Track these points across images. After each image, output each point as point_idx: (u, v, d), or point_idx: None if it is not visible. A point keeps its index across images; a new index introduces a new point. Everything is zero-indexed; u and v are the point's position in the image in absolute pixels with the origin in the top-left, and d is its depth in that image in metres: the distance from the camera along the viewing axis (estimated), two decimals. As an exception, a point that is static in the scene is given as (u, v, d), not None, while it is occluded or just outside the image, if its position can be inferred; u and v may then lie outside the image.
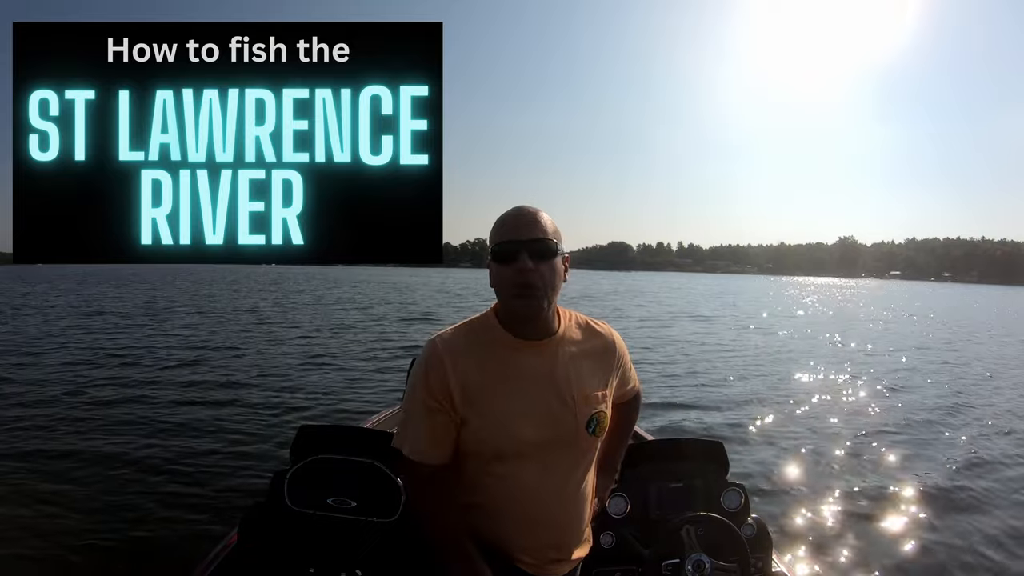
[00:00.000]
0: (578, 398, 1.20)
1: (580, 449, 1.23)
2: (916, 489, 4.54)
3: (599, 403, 1.23)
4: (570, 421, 1.19)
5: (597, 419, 1.22)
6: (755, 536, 1.97)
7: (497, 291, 1.19)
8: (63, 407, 6.51)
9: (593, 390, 1.23)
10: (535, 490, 1.19)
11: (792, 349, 13.28)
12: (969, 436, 6.16)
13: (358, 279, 50.61)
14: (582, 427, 1.20)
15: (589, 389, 1.23)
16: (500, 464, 1.17)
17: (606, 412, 1.25)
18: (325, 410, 6.69)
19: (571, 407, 1.19)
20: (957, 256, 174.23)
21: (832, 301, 38.83)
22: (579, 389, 1.21)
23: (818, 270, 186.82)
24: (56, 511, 3.78)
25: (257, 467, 4.60)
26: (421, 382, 1.17)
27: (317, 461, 2.02)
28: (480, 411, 1.16)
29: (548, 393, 1.19)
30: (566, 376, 1.21)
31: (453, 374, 1.15)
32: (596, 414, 1.22)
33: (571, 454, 1.23)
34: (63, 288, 32.55)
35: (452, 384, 1.15)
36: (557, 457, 1.20)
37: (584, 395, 1.21)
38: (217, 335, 13.43)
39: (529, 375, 1.19)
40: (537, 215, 1.17)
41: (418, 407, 1.18)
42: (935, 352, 13.53)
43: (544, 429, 1.17)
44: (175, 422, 5.93)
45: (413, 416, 1.19)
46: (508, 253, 1.14)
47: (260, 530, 1.97)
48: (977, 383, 9.58)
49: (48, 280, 41.87)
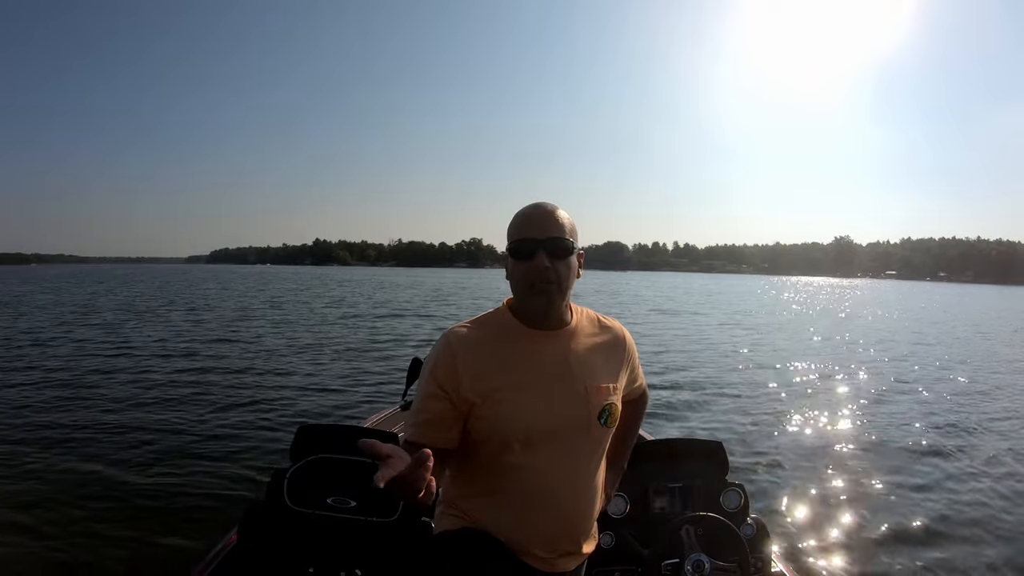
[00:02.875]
0: (591, 388, 1.22)
1: (593, 439, 1.24)
2: (917, 489, 4.55)
3: (611, 395, 1.25)
4: (583, 411, 1.21)
5: (609, 410, 1.24)
6: (755, 536, 1.97)
7: (513, 286, 1.22)
8: (62, 407, 6.49)
9: (605, 382, 1.25)
10: (548, 480, 1.20)
11: (783, 348, 13.32)
12: (970, 435, 6.19)
13: (354, 278, 50.44)
14: (594, 417, 1.22)
15: (601, 380, 1.24)
16: (512, 454, 1.18)
17: (617, 404, 1.27)
18: (325, 410, 6.68)
19: (584, 397, 1.21)
20: (953, 256, 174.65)
21: (823, 299, 38.95)
22: (592, 379, 1.23)
23: (814, 270, 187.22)
24: (55, 511, 3.76)
25: (257, 467, 4.59)
26: (429, 372, 1.19)
27: (317, 461, 2.03)
28: (493, 400, 1.16)
29: (562, 382, 1.20)
30: (579, 366, 1.23)
31: (463, 364, 1.17)
32: (608, 405, 1.24)
33: (584, 444, 1.23)
34: (58, 287, 32.44)
35: (461, 373, 1.16)
36: (569, 447, 1.21)
37: (596, 386, 1.23)
38: (217, 335, 13.41)
39: (543, 364, 1.21)
40: (555, 213, 1.20)
41: (421, 394, 1.20)
42: (933, 353, 13.57)
43: (557, 418, 1.19)
44: (175, 421, 5.91)
45: (417, 403, 1.21)
46: (526, 250, 1.17)
47: (260, 530, 1.97)
48: (979, 386, 9.59)
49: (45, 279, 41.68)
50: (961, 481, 4.76)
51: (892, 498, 4.38)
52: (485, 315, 1.27)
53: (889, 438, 6.00)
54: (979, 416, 7.13)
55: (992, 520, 4.03)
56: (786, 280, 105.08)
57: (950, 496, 4.44)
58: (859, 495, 4.41)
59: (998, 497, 4.45)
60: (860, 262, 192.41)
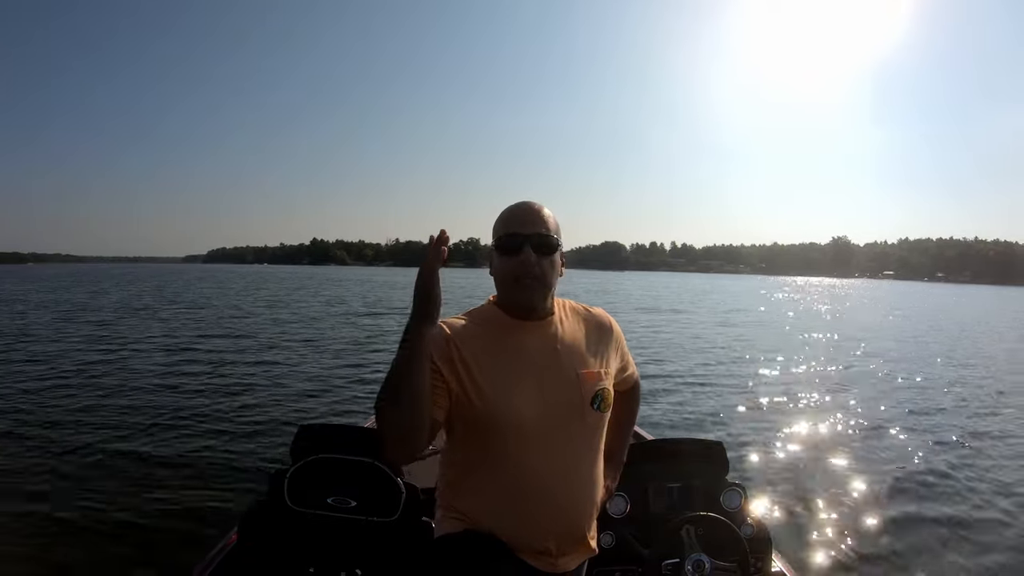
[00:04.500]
0: (581, 374, 1.23)
1: (588, 426, 1.24)
2: (917, 488, 4.56)
3: (602, 379, 1.26)
4: (575, 397, 1.22)
5: (601, 395, 1.24)
6: (755, 536, 1.97)
7: (498, 281, 1.24)
8: (61, 407, 6.47)
9: (595, 367, 1.26)
10: (544, 471, 1.18)
11: (783, 348, 13.34)
12: (970, 435, 6.20)
13: (352, 278, 50.39)
14: (587, 403, 1.22)
15: (590, 366, 1.26)
16: (506, 445, 1.17)
17: (609, 389, 1.27)
18: (325, 410, 6.67)
19: (575, 383, 1.22)
20: (950, 256, 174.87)
21: (819, 299, 39.02)
22: (582, 365, 1.24)
23: (811, 270, 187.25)
24: (55, 511, 3.76)
25: (257, 467, 4.59)
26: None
27: (317, 461, 2.02)
28: (483, 391, 1.17)
29: (552, 370, 1.22)
30: (568, 353, 1.24)
31: (455, 349, 1.18)
32: (600, 390, 1.24)
33: (579, 432, 1.23)
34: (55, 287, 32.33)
35: (453, 356, 1.17)
36: (564, 436, 1.21)
37: (587, 371, 1.24)
38: (216, 335, 13.38)
39: (532, 354, 1.22)
40: (541, 211, 1.22)
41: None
42: (932, 352, 13.60)
43: (550, 406, 1.19)
44: (175, 422, 5.90)
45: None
46: (512, 245, 1.19)
47: (260, 529, 1.97)
48: (983, 387, 9.60)
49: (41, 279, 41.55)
50: (962, 480, 4.78)
51: (893, 497, 4.39)
52: (473, 310, 1.29)
53: (889, 437, 6.02)
54: (980, 416, 7.16)
55: (992, 520, 4.05)
56: (782, 280, 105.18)
57: (950, 496, 4.46)
58: (859, 494, 4.42)
59: (998, 496, 4.46)
60: (857, 262, 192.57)
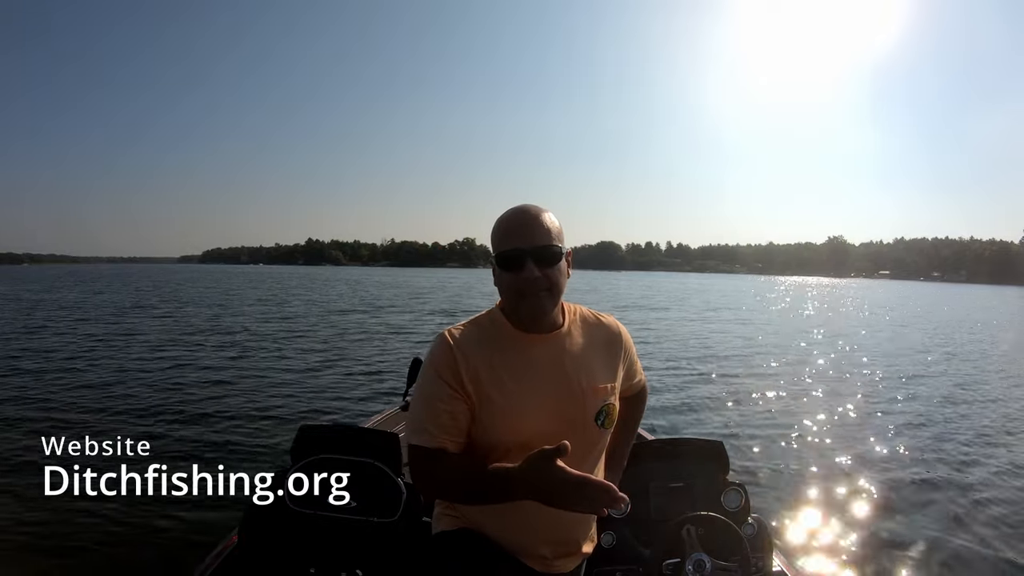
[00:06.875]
0: (587, 390, 1.21)
1: (589, 442, 1.23)
2: (917, 488, 4.57)
3: (608, 395, 1.23)
4: (579, 413, 1.20)
5: (606, 411, 1.22)
6: (755, 535, 1.98)
7: (502, 293, 1.20)
8: (61, 407, 6.44)
9: (601, 382, 1.23)
10: None
11: (782, 348, 13.36)
12: (970, 435, 6.21)
13: (349, 278, 50.29)
14: (591, 419, 1.21)
15: (597, 381, 1.23)
16: (508, 457, 1.16)
17: (615, 404, 1.25)
18: (325, 410, 6.66)
19: (580, 399, 1.20)
20: (946, 256, 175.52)
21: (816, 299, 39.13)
22: (588, 381, 1.21)
23: (807, 270, 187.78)
24: (55, 511, 3.73)
25: (258, 467, 4.57)
26: (435, 373, 1.16)
27: (318, 461, 2.02)
28: (489, 405, 1.15)
29: (557, 385, 1.19)
30: (575, 368, 1.21)
31: (464, 364, 1.15)
32: (605, 406, 1.22)
33: (579, 447, 1.21)
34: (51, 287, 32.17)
35: (463, 372, 1.15)
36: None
37: (593, 387, 1.21)
38: (216, 335, 13.34)
39: (537, 368, 1.19)
40: (540, 218, 1.16)
41: (428, 395, 1.16)
42: (932, 352, 13.65)
43: (553, 422, 1.17)
44: (175, 422, 5.88)
45: (422, 401, 1.17)
46: (514, 261, 1.14)
47: (261, 530, 1.97)
48: (985, 384, 9.60)
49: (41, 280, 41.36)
50: (962, 480, 4.78)
51: (893, 497, 4.40)
52: (478, 317, 1.25)
53: (890, 437, 6.03)
54: (980, 416, 7.17)
55: (992, 519, 4.05)
56: (778, 280, 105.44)
57: (950, 495, 4.46)
58: (860, 494, 4.43)
59: (999, 496, 4.47)
60: (853, 262, 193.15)
